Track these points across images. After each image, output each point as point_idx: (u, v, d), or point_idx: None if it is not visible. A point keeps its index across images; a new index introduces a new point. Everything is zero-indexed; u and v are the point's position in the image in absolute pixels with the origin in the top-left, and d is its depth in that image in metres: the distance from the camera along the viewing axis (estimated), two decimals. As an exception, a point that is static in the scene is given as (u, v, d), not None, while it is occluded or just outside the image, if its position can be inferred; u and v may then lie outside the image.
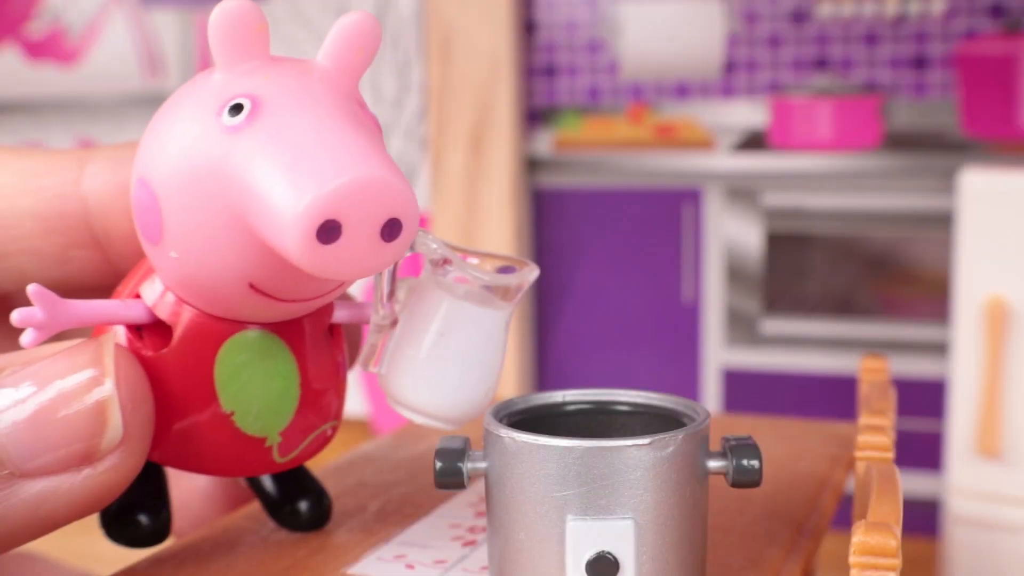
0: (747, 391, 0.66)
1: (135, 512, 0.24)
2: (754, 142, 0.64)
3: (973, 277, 0.50)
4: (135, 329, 0.23)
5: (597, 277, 0.68)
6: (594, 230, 0.68)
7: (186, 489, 0.29)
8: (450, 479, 0.21)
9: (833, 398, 0.64)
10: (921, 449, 0.63)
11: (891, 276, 0.63)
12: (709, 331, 0.66)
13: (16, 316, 0.21)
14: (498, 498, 0.21)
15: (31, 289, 0.21)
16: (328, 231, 0.19)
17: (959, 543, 0.51)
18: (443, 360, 0.23)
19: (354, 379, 0.70)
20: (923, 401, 0.63)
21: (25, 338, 0.21)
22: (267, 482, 0.26)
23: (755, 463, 0.21)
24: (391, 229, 0.19)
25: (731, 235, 0.65)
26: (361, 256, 0.19)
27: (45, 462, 0.21)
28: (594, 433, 0.23)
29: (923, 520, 0.62)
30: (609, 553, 0.20)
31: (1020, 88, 0.59)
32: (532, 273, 0.24)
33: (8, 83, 0.80)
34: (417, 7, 0.70)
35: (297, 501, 0.25)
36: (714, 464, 0.21)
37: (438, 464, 0.21)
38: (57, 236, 0.25)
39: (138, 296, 0.23)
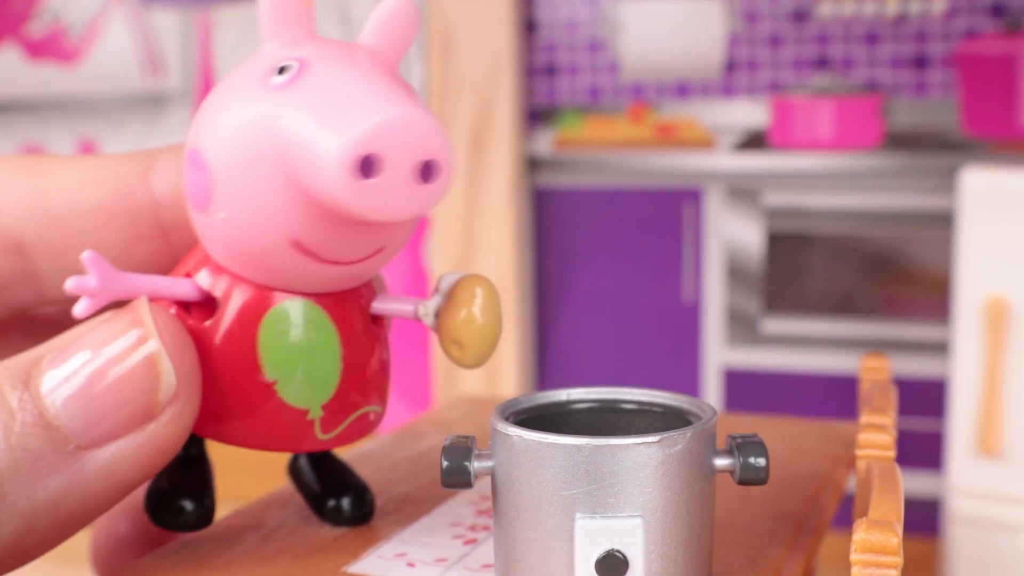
0: (747, 390, 0.66)
1: (180, 498, 0.24)
2: (754, 142, 0.64)
3: (973, 277, 0.50)
4: (184, 306, 0.23)
5: (597, 277, 0.68)
6: (594, 230, 0.68)
7: (105, 534, 0.28)
8: (457, 478, 0.21)
9: (834, 397, 0.64)
10: (921, 448, 0.63)
11: (891, 276, 0.63)
12: (709, 331, 0.66)
13: (70, 283, 0.21)
14: (505, 497, 0.21)
15: (86, 255, 0.21)
16: (368, 165, 0.20)
17: (959, 542, 0.51)
18: None
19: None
20: (923, 401, 0.63)
21: (78, 307, 0.22)
22: (309, 477, 0.26)
23: (762, 461, 0.21)
24: (428, 170, 0.20)
25: (731, 235, 0.65)
26: (399, 195, 0.20)
27: (108, 428, 0.21)
28: (600, 431, 0.23)
29: (923, 519, 0.62)
30: (618, 551, 0.20)
31: (1020, 88, 0.59)
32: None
33: (8, 83, 0.80)
34: (418, 6, 0.70)
35: (341, 496, 0.25)
36: (721, 462, 0.21)
37: (445, 463, 0.21)
38: (122, 229, 0.24)
39: (188, 276, 0.23)
